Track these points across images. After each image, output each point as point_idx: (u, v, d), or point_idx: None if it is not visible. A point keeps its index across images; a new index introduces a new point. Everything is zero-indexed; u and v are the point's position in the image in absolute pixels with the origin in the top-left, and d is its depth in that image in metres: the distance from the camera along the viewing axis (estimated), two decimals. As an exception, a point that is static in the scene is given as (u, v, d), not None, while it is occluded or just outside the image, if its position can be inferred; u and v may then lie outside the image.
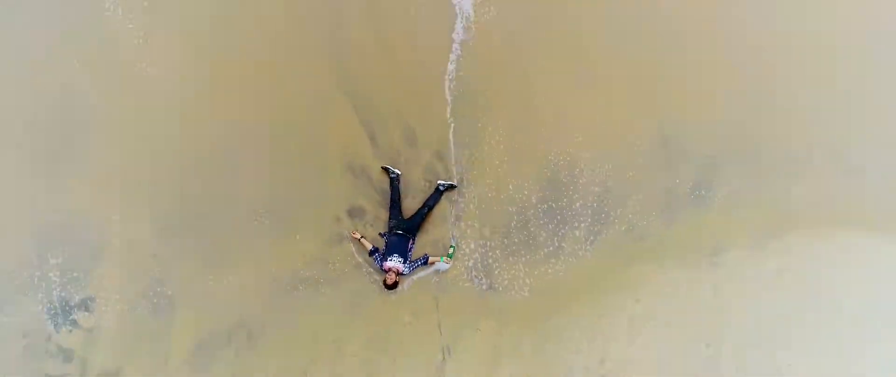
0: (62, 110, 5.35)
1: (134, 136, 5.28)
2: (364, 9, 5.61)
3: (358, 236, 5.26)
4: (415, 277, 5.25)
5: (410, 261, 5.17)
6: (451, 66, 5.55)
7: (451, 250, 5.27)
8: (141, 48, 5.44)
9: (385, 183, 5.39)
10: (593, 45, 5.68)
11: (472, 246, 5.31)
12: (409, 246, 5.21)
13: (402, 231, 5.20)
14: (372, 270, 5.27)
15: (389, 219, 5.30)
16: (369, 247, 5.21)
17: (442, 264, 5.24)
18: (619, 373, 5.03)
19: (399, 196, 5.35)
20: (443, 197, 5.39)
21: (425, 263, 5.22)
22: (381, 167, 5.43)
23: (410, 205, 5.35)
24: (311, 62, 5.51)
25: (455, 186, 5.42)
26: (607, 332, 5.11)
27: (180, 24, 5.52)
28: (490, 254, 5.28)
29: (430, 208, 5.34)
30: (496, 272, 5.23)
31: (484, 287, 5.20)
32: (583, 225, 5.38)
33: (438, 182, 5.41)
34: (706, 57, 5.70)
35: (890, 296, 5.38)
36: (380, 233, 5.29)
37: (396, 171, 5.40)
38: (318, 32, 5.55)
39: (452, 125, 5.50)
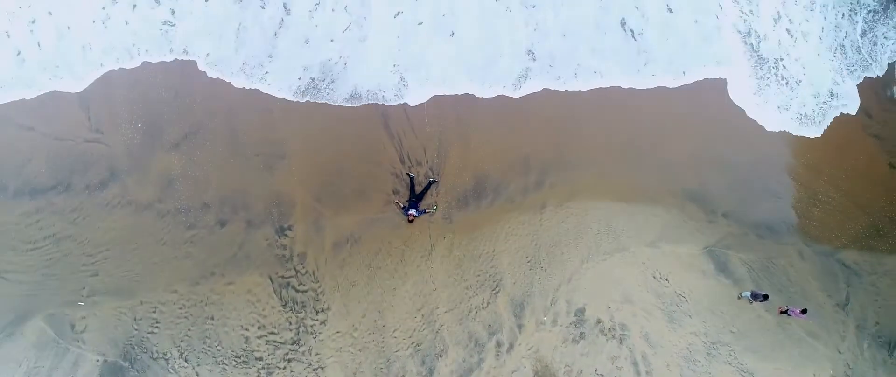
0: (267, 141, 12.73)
1: (320, 167, 12.73)
2: (405, 127, 13.12)
3: (397, 201, 12.85)
4: (421, 218, 12.90)
5: (418, 212, 12.77)
6: (434, 144, 13.17)
7: (435, 207, 12.94)
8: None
9: (407, 180, 12.98)
10: (497, 133, 13.33)
11: (443, 205, 13.03)
12: (418, 205, 12.81)
13: (415, 199, 12.79)
14: (402, 218, 12.88)
15: (409, 194, 12.88)
16: (401, 205, 12.80)
17: (432, 213, 12.93)
18: (497, 256, 12.91)
19: (414, 185, 12.93)
20: (432, 185, 13.01)
21: (425, 213, 12.85)
22: (406, 173, 13.00)
23: (418, 189, 12.96)
24: (382, 142, 13.02)
25: (437, 181, 13.05)
26: (496, 239, 12.96)
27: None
28: (451, 207, 13.03)
29: (427, 189, 12.95)
30: (452, 215, 13.00)
31: (448, 221, 12.98)
32: (489, 197, 13.17)
33: (430, 179, 13.03)
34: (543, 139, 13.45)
35: (622, 226, 13.39)
36: (405, 201, 12.87)
37: (412, 174, 12.98)
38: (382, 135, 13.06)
39: (436, 158, 13.12)
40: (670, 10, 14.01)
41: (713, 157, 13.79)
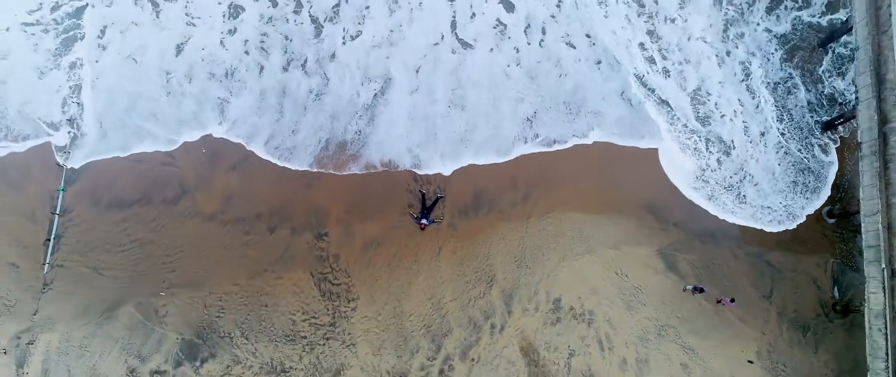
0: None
1: (350, 185, 15.94)
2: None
3: (411, 212, 16.06)
4: (430, 226, 16.09)
5: (429, 221, 15.95)
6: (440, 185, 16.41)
7: (441, 218, 16.17)
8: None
9: (419, 195, 16.19)
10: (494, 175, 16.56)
11: (448, 215, 16.26)
12: (428, 216, 16.00)
13: (426, 211, 15.98)
14: (415, 226, 16.08)
15: (421, 207, 16.08)
16: (415, 216, 16.00)
17: (439, 222, 16.14)
18: (492, 256, 16.15)
19: (425, 199, 16.13)
20: (439, 200, 16.23)
21: (433, 222, 16.05)
22: (419, 190, 16.21)
23: (428, 202, 16.16)
24: (402, 175, 16.24)
25: (443, 196, 16.28)
26: (490, 243, 16.21)
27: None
28: (455, 217, 16.27)
29: (435, 203, 16.16)
30: (456, 223, 16.25)
31: (452, 228, 16.22)
32: (485, 209, 16.42)
33: (437, 194, 16.25)
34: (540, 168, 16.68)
35: (591, 232, 16.63)
36: (418, 212, 16.04)
37: (423, 191, 16.20)
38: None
39: (443, 178, 16.34)
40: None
41: (666, 180, 16.98)
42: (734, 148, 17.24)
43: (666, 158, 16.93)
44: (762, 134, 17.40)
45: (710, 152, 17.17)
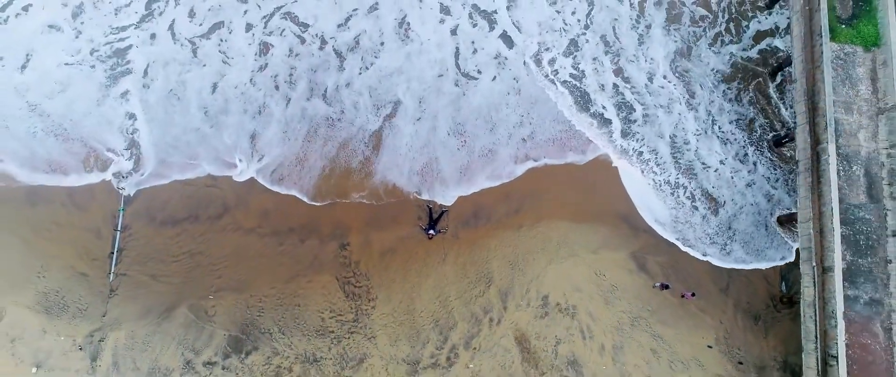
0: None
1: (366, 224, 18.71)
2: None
3: (420, 224, 18.82)
4: (437, 236, 18.85)
5: (435, 231, 18.70)
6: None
7: (446, 228, 18.94)
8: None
9: (427, 209, 18.96)
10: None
11: (452, 225, 19.05)
12: (435, 227, 18.76)
13: (433, 222, 18.74)
14: (424, 236, 18.85)
15: (428, 219, 18.85)
16: (423, 227, 18.77)
17: (444, 232, 18.91)
18: (490, 260, 18.95)
19: (431, 212, 18.90)
20: (444, 213, 19.00)
21: (439, 232, 18.79)
22: (426, 204, 18.99)
23: (434, 215, 18.93)
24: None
25: (447, 210, 19.05)
26: (490, 250, 19.02)
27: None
28: (458, 227, 19.06)
29: (441, 216, 18.94)
30: (458, 233, 19.05)
31: (455, 237, 19.01)
32: (483, 220, 19.21)
33: (442, 208, 19.03)
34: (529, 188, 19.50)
35: (574, 239, 19.45)
36: (426, 224, 18.81)
37: (430, 205, 18.98)
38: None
39: (447, 200, 19.12)
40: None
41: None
42: (723, 205, 19.86)
43: (644, 208, 19.69)
44: (748, 185, 20.06)
45: (696, 209, 19.82)
